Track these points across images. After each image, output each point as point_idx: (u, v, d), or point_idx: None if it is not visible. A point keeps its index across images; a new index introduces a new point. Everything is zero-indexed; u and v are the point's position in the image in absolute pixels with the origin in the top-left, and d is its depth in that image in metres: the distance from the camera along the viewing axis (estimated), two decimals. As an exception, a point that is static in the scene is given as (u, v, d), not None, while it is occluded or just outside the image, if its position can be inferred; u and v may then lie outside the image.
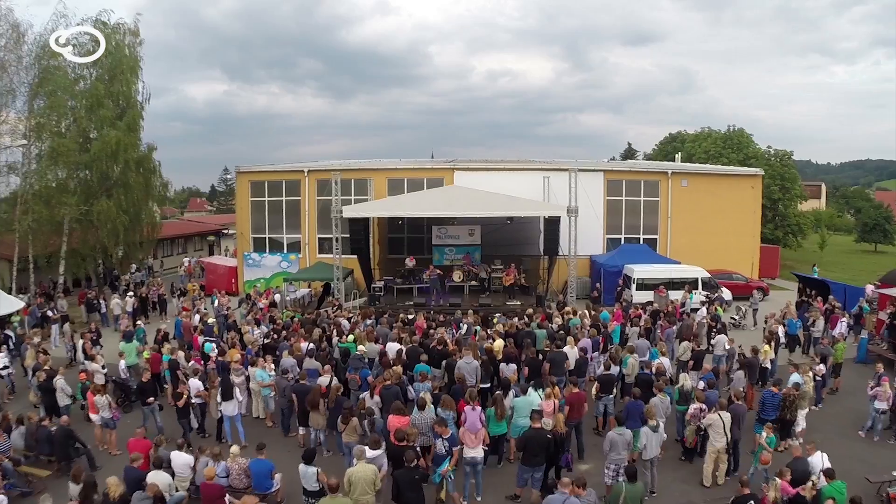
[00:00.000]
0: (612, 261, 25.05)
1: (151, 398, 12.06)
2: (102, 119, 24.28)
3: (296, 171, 27.96)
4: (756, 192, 29.86)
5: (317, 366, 12.28)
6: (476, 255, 25.06)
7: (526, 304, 20.68)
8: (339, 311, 18.52)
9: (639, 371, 12.62)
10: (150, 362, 14.57)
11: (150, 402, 12.01)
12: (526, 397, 10.05)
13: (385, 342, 14.04)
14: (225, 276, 28.96)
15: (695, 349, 14.20)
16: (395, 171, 27.82)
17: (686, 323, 17.07)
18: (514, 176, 26.67)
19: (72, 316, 22.29)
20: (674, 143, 56.82)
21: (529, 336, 14.20)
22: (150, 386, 12.31)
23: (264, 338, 15.01)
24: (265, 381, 12.36)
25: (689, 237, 27.97)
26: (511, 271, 21.74)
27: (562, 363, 12.52)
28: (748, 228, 29.44)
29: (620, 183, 28.14)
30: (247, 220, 28.62)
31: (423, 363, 12.05)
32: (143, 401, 12.11)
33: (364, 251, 21.93)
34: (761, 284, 28.11)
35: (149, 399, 12.01)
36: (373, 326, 15.37)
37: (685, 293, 22.00)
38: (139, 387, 12.39)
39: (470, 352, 12.03)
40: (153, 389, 12.46)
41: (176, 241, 45.93)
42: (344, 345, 13.75)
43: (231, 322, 16.70)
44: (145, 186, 26.66)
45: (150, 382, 12.43)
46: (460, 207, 20.78)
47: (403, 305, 20.48)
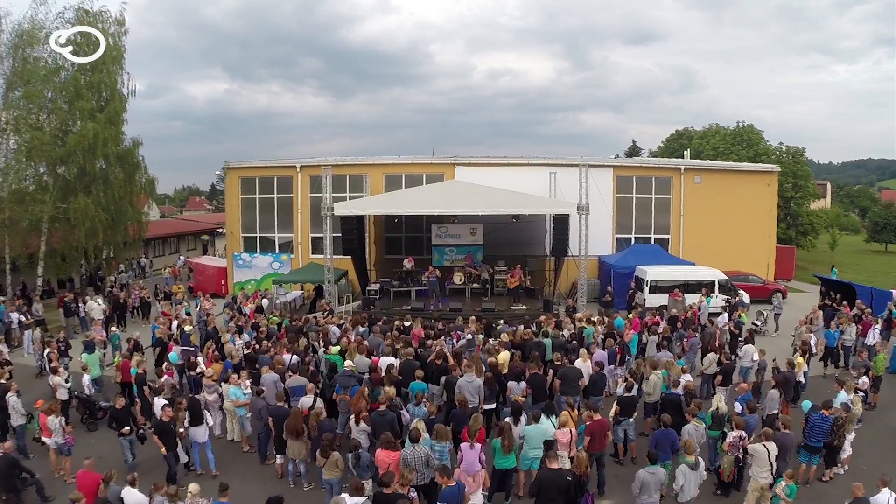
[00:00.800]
0: (623, 262, 23.58)
1: (126, 429, 10.12)
2: (81, 111, 22.85)
3: (287, 166, 26.50)
4: (772, 190, 28.45)
5: (301, 382, 10.83)
6: (478, 255, 23.58)
7: (532, 309, 19.23)
8: (329, 316, 17.08)
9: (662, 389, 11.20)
10: (120, 370, 13.26)
11: (125, 433, 10.10)
12: (538, 426, 8.60)
13: (378, 354, 12.61)
14: (214, 277, 27.60)
15: (723, 362, 12.76)
16: (393, 166, 26.31)
17: (709, 331, 15.61)
18: (519, 172, 25.17)
19: (50, 320, 20.99)
20: (680, 139, 55.39)
21: (538, 348, 12.74)
22: (123, 413, 10.32)
23: (245, 347, 13.54)
24: (239, 400, 10.91)
25: (702, 237, 26.53)
26: (516, 273, 20.17)
27: (575, 380, 11.07)
28: (764, 228, 28.00)
29: (630, 179, 26.67)
30: (237, 219, 27.21)
31: (418, 380, 10.64)
32: (117, 430, 10.18)
33: (358, 252, 20.30)
34: (779, 287, 26.64)
35: (122, 430, 10.09)
36: (363, 336, 13.91)
37: (702, 297, 20.52)
38: (112, 413, 10.44)
39: (472, 368, 10.58)
40: (127, 417, 10.42)
41: (168, 240, 44.68)
42: (330, 357, 12.29)
43: (211, 329, 15.23)
44: (129, 183, 25.30)
45: (124, 409, 10.41)
46: (461, 204, 19.21)
47: (400, 310, 19.00)
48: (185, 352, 14.00)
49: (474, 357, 11.49)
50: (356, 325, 14.73)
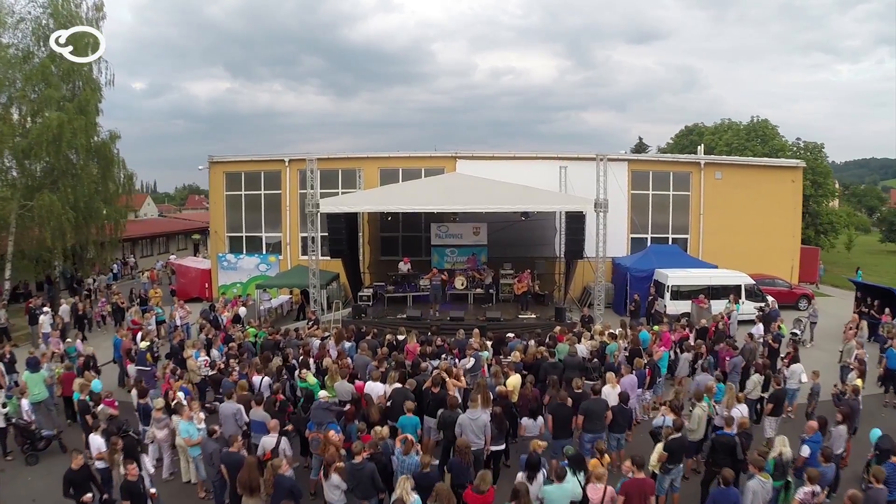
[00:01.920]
0: (640, 264, 21.54)
1: (88, 495, 7.84)
2: (48, 99, 20.90)
3: (275, 160, 24.49)
4: (797, 187, 26.45)
5: (264, 417, 8.85)
6: (482, 256, 21.53)
7: (543, 318, 17.20)
8: (314, 327, 15.09)
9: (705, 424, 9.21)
10: (62, 383, 11.39)
11: (86, 500, 7.82)
12: (562, 487, 6.62)
13: (365, 377, 10.61)
14: (197, 280, 25.68)
15: (774, 387, 10.74)
16: (389, 159, 24.26)
17: (748, 347, 13.57)
18: (526, 166, 23.14)
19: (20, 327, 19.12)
20: (690, 136, 53.50)
21: (555, 371, 10.73)
22: (81, 476, 7.90)
23: (210, 367, 11.55)
24: (192, 439, 8.92)
25: (722, 237, 24.55)
26: (524, 277, 18.01)
27: (602, 415, 9.06)
28: (788, 227, 26.02)
29: (647, 175, 24.64)
30: (221, 217, 25.24)
31: (409, 414, 8.65)
32: (76, 498, 7.84)
33: (348, 254, 18.15)
34: (806, 291, 24.66)
35: (84, 497, 7.80)
36: (348, 353, 11.90)
37: (730, 304, 18.50)
38: (68, 478, 7.89)
39: (478, 400, 8.59)
40: (87, 480, 7.96)
41: (157, 239, 42.83)
42: (303, 384, 10.27)
43: (177, 343, 13.22)
44: (104, 179, 23.36)
45: (83, 470, 7.96)
46: (464, 200, 17.07)
47: (394, 319, 16.98)
48: (141, 372, 12.05)
49: (479, 384, 9.48)
50: (340, 339, 12.69)
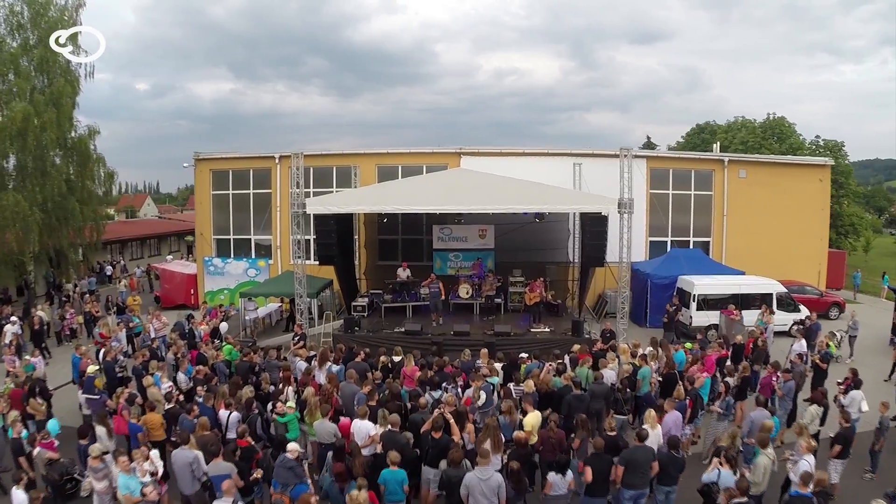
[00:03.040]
0: (662, 270, 19.74)
1: None
2: (18, 90, 19.22)
3: (265, 156, 22.68)
4: (824, 186, 24.58)
5: (223, 471, 7.07)
6: (488, 261, 19.70)
7: (558, 332, 15.37)
8: (300, 343, 13.29)
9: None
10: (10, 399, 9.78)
11: None
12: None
13: (353, 410, 8.83)
14: (182, 285, 23.97)
15: (843, 425, 8.91)
16: (387, 156, 22.39)
17: (798, 370, 11.76)
18: (536, 162, 21.25)
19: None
20: (702, 134, 51.77)
21: (581, 403, 8.93)
22: None
23: (167, 399, 9.75)
24: (133, 497, 7.14)
25: (746, 240, 22.72)
26: (536, 286, 16.05)
27: (647, 466, 7.26)
28: (815, 229, 24.17)
29: (667, 173, 22.78)
30: (207, 218, 23.49)
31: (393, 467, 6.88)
32: None
33: (340, 260, 16.24)
34: (837, 299, 22.85)
35: None
36: (335, 376, 10.10)
37: (766, 316, 16.65)
38: None
39: (488, 450, 6.80)
40: None
41: (148, 241, 41.17)
42: (282, 418, 8.49)
43: (139, 365, 11.42)
44: (80, 178, 21.69)
45: None
46: (471, 200, 15.13)
47: (390, 334, 15.15)
48: (89, 402, 10.28)
49: (489, 425, 7.68)
50: (325, 360, 10.87)
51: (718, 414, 10.13)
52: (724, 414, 10.08)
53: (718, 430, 9.86)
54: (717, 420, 10.20)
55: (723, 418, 10.10)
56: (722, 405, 10.07)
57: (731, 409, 10.28)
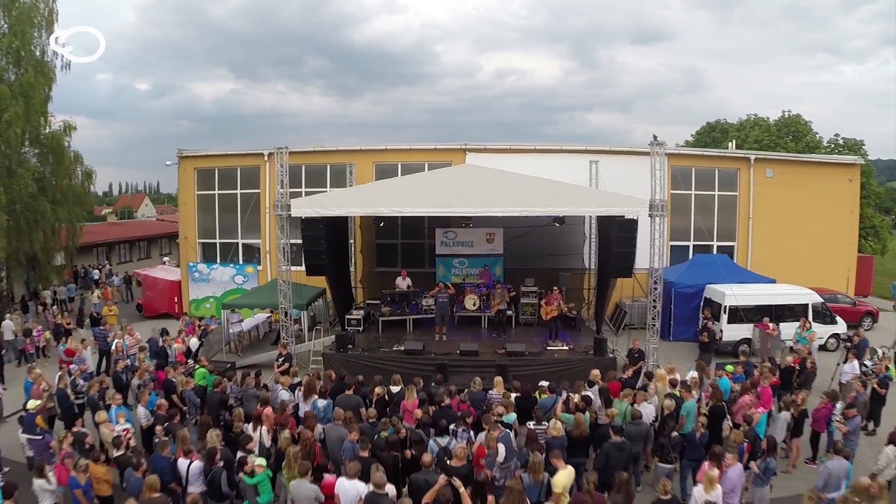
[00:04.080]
0: (687, 278, 18.02)
1: None
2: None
3: (253, 153, 20.95)
4: (854, 187, 22.87)
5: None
6: (497, 268, 18.00)
7: (577, 350, 13.65)
8: (285, 365, 11.60)
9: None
10: None
11: None
12: None
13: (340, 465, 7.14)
14: (165, 292, 22.30)
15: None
16: (385, 152, 20.59)
17: (862, 399, 10.07)
18: (548, 160, 19.53)
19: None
20: (713, 133, 50.15)
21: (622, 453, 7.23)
22: None
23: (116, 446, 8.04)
24: None
25: (773, 244, 21.04)
26: (553, 298, 14.15)
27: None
28: (844, 233, 22.47)
29: (689, 171, 21.03)
30: (192, 220, 21.78)
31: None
32: None
33: (331, 269, 14.33)
34: (870, 308, 21.16)
35: None
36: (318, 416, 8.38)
37: (805, 327, 14.97)
38: None
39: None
40: None
41: (136, 244, 39.40)
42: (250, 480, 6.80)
43: (95, 395, 9.75)
44: (54, 178, 20.08)
45: None
46: (479, 200, 13.22)
47: (388, 353, 13.41)
48: (31, 443, 8.60)
49: (512, 489, 5.99)
50: (311, 392, 9.16)
51: (755, 475, 7.69)
52: (763, 479, 7.66)
53: (756, 499, 7.71)
54: (754, 484, 7.79)
55: (762, 483, 7.70)
56: (761, 466, 7.64)
57: (771, 472, 7.76)
